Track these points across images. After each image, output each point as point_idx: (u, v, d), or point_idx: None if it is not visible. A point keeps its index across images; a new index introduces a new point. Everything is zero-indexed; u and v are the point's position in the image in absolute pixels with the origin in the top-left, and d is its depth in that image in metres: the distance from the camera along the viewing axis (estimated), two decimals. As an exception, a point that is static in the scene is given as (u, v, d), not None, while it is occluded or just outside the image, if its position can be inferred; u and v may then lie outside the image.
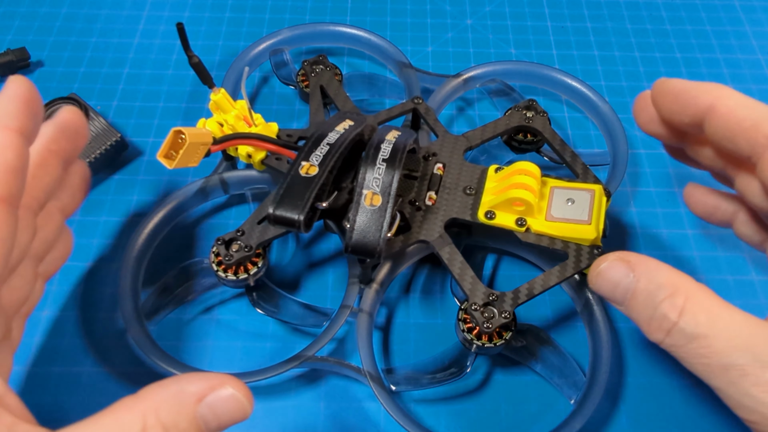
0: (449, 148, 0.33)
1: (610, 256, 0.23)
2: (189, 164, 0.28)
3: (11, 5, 0.45)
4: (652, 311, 0.21)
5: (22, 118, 0.22)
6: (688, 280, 0.22)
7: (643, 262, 0.23)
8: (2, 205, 0.20)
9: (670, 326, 0.21)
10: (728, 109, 0.23)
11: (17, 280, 0.24)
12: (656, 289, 0.22)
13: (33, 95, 0.22)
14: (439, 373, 0.29)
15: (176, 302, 0.31)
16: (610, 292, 0.23)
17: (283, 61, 0.40)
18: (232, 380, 0.20)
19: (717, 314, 0.20)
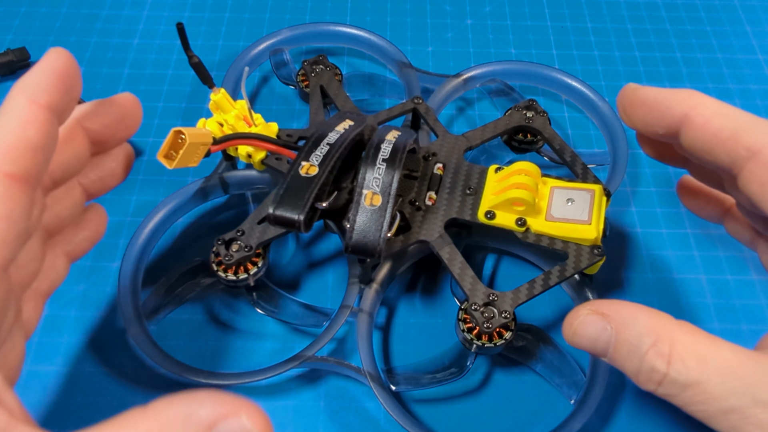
0: (449, 148, 0.33)
1: (582, 309, 0.22)
2: (189, 164, 0.28)
3: (11, 5, 0.45)
4: (638, 364, 0.20)
5: (53, 92, 0.20)
6: (668, 323, 0.21)
7: (618, 310, 0.21)
8: (18, 183, 0.19)
9: (661, 378, 0.20)
10: (704, 119, 0.22)
11: (21, 255, 0.22)
12: (638, 339, 0.20)
13: (70, 69, 0.21)
14: (439, 373, 0.29)
15: (176, 302, 0.31)
16: (590, 348, 0.22)
17: (283, 61, 0.40)
18: (251, 409, 0.17)
19: (706, 356, 0.19)
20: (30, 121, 0.19)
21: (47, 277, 0.24)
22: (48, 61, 0.20)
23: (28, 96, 0.20)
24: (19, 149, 0.19)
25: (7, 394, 0.18)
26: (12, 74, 0.41)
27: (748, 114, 0.22)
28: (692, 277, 0.34)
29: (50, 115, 0.20)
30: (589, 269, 0.29)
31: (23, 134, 0.19)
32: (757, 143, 0.21)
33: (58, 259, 0.25)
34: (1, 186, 0.19)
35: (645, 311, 0.21)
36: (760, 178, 0.21)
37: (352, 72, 0.40)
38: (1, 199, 0.19)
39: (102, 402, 0.30)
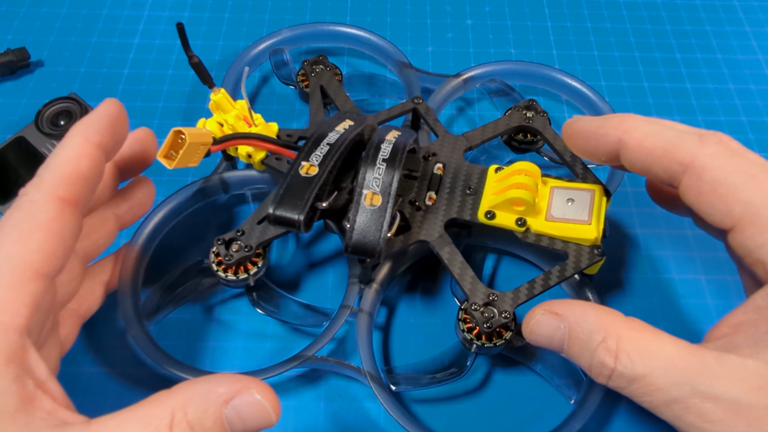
0: (449, 148, 0.33)
1: (537, 310, 0.24)
2: (189, 164, 0.28)
3: (11, 5, 0.45)
4: (590, 359, 0.22)
5: (105, 134, 0.24)
6: (616, 320, 0.22)
7: (570, 309, 0.23)
8: (69, 207, 0.22)
9: (609, 372, 0.21)
10: (637, 141, 0.23)
11: (62, 276, 0.25)
12: (589, 336, 0.22)
13: (120, 117, 0.25)
14: (439, 373, 0.29)
15: (176, 302, 0.31)
16: (547, 345, 0.24)
17: (283, 61, 0.40)
18: (261, 386, 0.21)
19: (650, 351, 0.21)
20: (84, 156, 0.23)
21: (85, 301, 0.28)
22: (103, 108, 0.25)
23: (84, 135, 0.24)
24: (73, 178, 0.23)
25: (52, 382, 0.21)
26: (12, 74, 0.41)
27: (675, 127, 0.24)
28: (692, 277, 0.34)
29: (100, 152, 0.24)
30: (589, 269, 0.29)
31: (77, 165, 0.23)
32: (687, 157, 0.22)
33: (96, 286, 0.29)
34: (56, 207, 0.22)
35: (595, 309, 0.23)
36: (695, 189, 0.23)
37: (352, 72, 0.40)
38: (56, 218, 0.22)
39: (102, 402, 0.30)
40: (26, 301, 0.21)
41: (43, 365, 0.21)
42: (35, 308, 0.21)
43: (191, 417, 0.19)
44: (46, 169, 0.23)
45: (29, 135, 0.35)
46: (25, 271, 0.21)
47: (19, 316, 0.20)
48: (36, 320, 0.21)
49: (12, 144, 0.35)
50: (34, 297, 0.21)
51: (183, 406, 0.20)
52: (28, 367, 0.20)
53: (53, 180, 0.22)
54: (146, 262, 0.32)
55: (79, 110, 0.36)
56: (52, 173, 0.23)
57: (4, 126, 0.39)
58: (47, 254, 0.21)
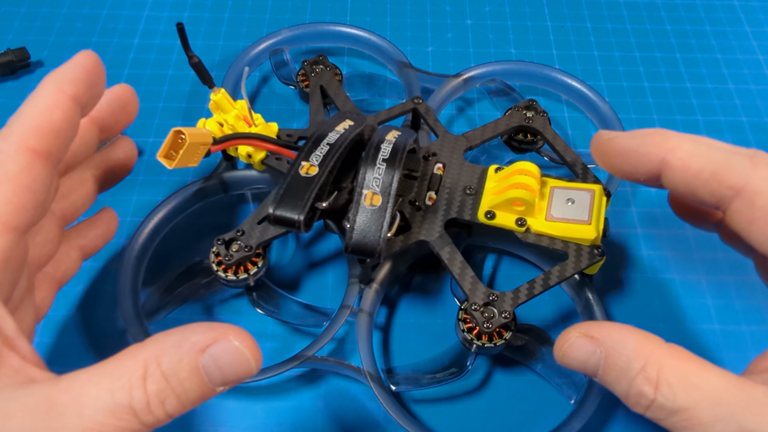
0: (449, 148, 0.33)
1: (573, 332, 0.22)
2: (189, 164, 0.28)
3: (11, 5, 0.45)
4: (627, 387, 0.21)
5: (80, 85, 0.23)
6: (658, 346, 0.20)
7: (608, 334, 0.21)
8: (40, 158, 0.21)
9: (648, 403, 0.20)
10: (682, 162, 0.22)
11: (38, 236, 0.24)
12: (627, 364, 0.20)
13: (96, 68, 0.23)
14: (439, 373, 0.29)
15: (176, 302, 0.31)
16: (580, 369, 0.22)
17: (283, 61, 0.40)
18: (240, 332, 0.19)
19: (694, 382, 0.19)
20: (56, 106, 0.22)
21: (61, 265, 0.27)
22: (77, 59, 0.23)
23: (57, 85, 0.22)
24: (44, 129, 0.21)
25: (21, 340, 0.20)
26: (12, 74, 0.41)
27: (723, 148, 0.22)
28: (692, 277, 0.34)
29: (74, 104, 0.22)
30: (589, 269, 0.29)
31: (49, 116, 0.22)
32: (739, 181, 0.21)
33: (73, 251, 0.27)
34: (25, 158, 0.21)
35: (634, 334, 0.21)
36: (746, 216, 0.21)
37: (352, 72, 0.40)
38: (25, 170, 0.21)
39: (102, 402, 0.30)
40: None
41: (12, 322, 0.20)
42: (4, 263, 0.20)
43: (165, 368, 0.18)
44: (16, 119, 0.22)
45: (29, 135, 0.35)
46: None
47: None
48: (5, 276, 0.20)
49: (12, 144, 0.35)
50: (3, 251, 0.20)
51: (156, 357, 0.18)
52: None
53: (23, 130, 0.21)
54: (146, 262, 0.32)
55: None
56: (22, 123, 0.21)
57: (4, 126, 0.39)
58: (16, 207, 0.20)
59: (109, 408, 0.17)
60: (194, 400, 0.19)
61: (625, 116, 0.40)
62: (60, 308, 0.32)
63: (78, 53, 0.23)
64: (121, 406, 0.18)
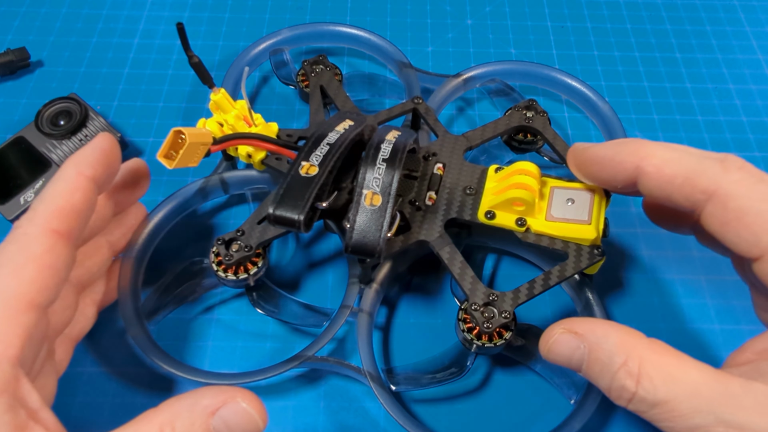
0: (449, 148, 0.33)
1: (557, 327, 0.23)
2: (189, 164, 0.28)
3: (11, 5, 0.45)
4: (609, 381, 0.21)
5: (98, 167, 0.25)
6: (639, 341, 0.21)
7: (591, 329, 0.22)
8: (62, 239, 0.23)
9: (630, 396, 0.21)
10: (656, 169, 0.23)
11: (57, 305, 0.25)
12: (609, 358, 0.21)
13: (113, 150, 0.26)
14: (439, 373, 0.29)
15: (176, 302, 0.31)
16: (565, 364, 0.23)
17: (283, 61, 0.40)
18: (246, 395, 0.21)
19: (674, 376, 0.20)
20: (76, 189, 0.24)
21: (78, 324, 0.28)
22: (96, 142, 0.26)
23: (77, 168, 0.24)
24: (66, 211, 0.23)
25: (45, 411, 0.21)
26: (12, 74, 0.41)
27: (695, 153, 0.23)
28: (692, 277, 0.34)
29: (92, 185, 0.25)
30: (589, 269, 0.29)
31: (70, 198, 0.24)
32: (711, 185, 0.22)
33: (88, 308, 0.29)
34: (49, 240, 0.23)
35: (617, 330, 0.22)
36: (719, 218, 0.22)
37: (352, 72, 0.40)
38: (49, 251, 0.23)
39: (102, 402, 0.30)
40: (18, 332, 0.21)
41: (36, 395, 0.21)
42: (28, 339, 0.21)
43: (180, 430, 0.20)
44: (40, 202, 0.24)
45: (29, 135, 0.35)
46: (18, 303, 0.21)
47: (12, 347, 0.21)
48: (29, 351, 0.21)
49: (12, 144, 0.35)
50: (27, 328, 0.21)
51: (171, 421, 0.20)
52: (21, 397, 0.20)
53: (46, 213, 0.23)
54: (146, 262, 0.32)
55: (78, 110, 0.36)
56: (46, 206, 0.23)
57: (4, 126, 0.39)
58: (40, 286, 0.22)
59: None
60: None
61: (625, 116, 0.40)
62: (60, 308, 0.32)
63: (97, 136, 0.26)
64: None
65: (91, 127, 0.36)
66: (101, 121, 0.36)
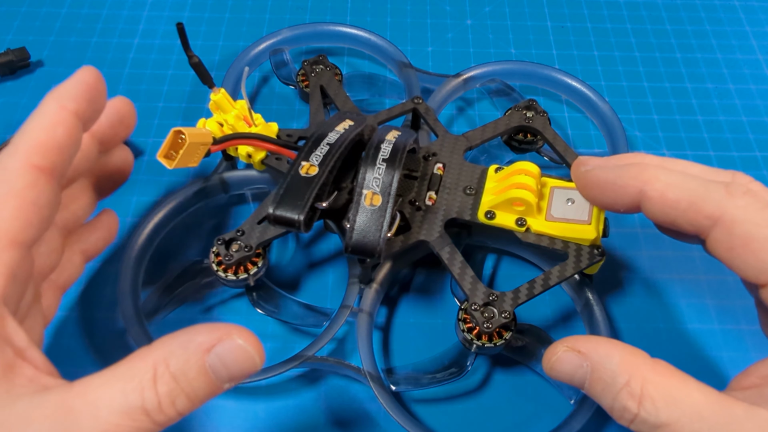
0: (449, 148, 0.33)
1: (560, 346, 0.23)
2: (189, 164, 0.28)
3: (11, 5, 0.45)
4: (612, 401, 0.21)
5: (82, 101, 0.23)
6: (642, 362, 0.21)
7: (594, 348, 0.22)
8: (44, 175, 0.22)
9: (632, 417, 0.20)
10: (659, 194, 0.22)
11: (42, 247, 0.25)
12: (612, 378, 0.21)
13: (97, 84, 0.24)
14: (439, 373, 0.29)
15: (176, 302, 0.31)
16: (568, 381, 0.23)
17: (283, 61, 0.40)
18: (242, 331, 0.20)
19: (677, 398, 0.20)
20: (59, 123, 0.22)
21: (65, 271, 0.27)
22: (79, 75, 0.24)
23: (59, 102, 0.23)
24: (47, 145, 0.22)
25: (33, 350, 0.20)
26: (12, 74, 0.41)
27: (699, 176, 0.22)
28: (692, 277, 0.34)
29: (76, 120, 0.23)
30: (589, 269, 0.29)
31: (52, 133, 0.22)
32: (716, 210, 0.21)
33: (75, 255, 0.28)
34: (30, 175, 0.21)
35: (620, 349, 0.22)
36: (725, 244, 0.21)
37: (352, 72, 0.40)
38: (30, 186, 0.21)
39: (102, 402, 0.30)
40: (2, 270, 0.20)
41: (23, 333, 0.20)
42: (11, 277, 0.20)
43: (174, 369, 0.19)
44: (20, 137, 0.22)
45: (29, 135, 0.35)
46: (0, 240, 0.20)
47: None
48: (13, 289, 0.21)
49: (12, 144, 0.35)
50: (10, 266, 0.20)
51: (165, 359, 0.19)
52: (7, 336, 0.20)
53: (27, 147, 0.22)
54: (146, 262, 0.32)
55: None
56: (26, 141, 0.22)
57: (4, 126, 0.39)
58: (23, 223, 0.21)
59: (122, 409, 0.18)
60: (203, 398, 0.20)
61: (625, 116, 0.40)
62: (60, 309, 0.32)
63: (80, 69, 0.24)
64: (134, 407, 0.18)
65: (91, 127, 0.36)
66: (101, 121, 0.36)
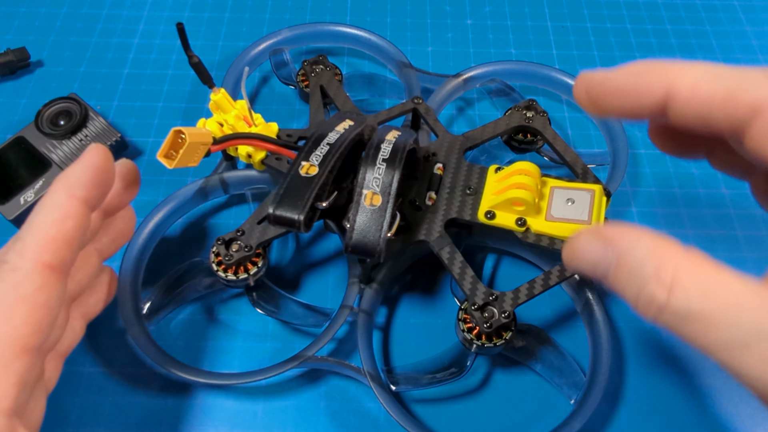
0: (449, 148, 0.33)
1: (584, 232, 0.20)
2: (189, 164, 0.28)
3: (11, 5, 0.45)
4: (638, 291, 0.19)
5: (91, 188, 0.23)
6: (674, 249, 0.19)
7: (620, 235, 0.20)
8: (55, 273, 0.22)
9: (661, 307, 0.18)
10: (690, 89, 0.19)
11: None
12: (640, 265, 0.19)
13: (106, 165, 0.24)
14: (439, 373, 0.29)
15: (176, 302, 0.31)
16: (589, 273, 0.21)
17: (283, 61, 0.40)
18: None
19: (711, 287, 0.18)
20: (68, 216, 0.22)
21: (66, 339, 0.26)
22: (87, 158, 0.23)
23: (68, 191, 0.22)
24: (57, 241, 0.22)
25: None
26: (12, 74, 0.41)
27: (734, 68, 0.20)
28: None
29: (85, 209, 0.23)
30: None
31: (62, 227, 0.22)
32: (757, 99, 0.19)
33: (76, 322, 0.27)
34: (41, 277, 0.21)
35: (650, 236, 0.19)
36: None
37: (352, 72, 0.40)
38: (40, 288, 0.21)
39: (102, 402, 0.30)
40: (13, 381, 0.20)
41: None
42: (22, 387, 0.20)
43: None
44: (29, 232, 0.22)
45: (29, 135, 0.35)
46: (11, 351, 0.20)
47: (6, 398, 0.20)
48: (23, 396, 0.21)
49: (12, 144, 0.35)
50: (21, 375, 0.20)
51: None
52: None
53: (37, 246, 0.21)
54: (146, 262, 0.32)
55: (78, 110, 0.36)
56: (36, 238, 0.21)
57: (4, 126, 0.39)
58: (33, 328, 0.21)
59: None
60: None
61: (625, 116, 0.40)
62: (60, 308, 0.32)
63: (89, 150, 0.24)
64: None
65: (91, 127, 0.36)
66: (101, 121, 0.36)
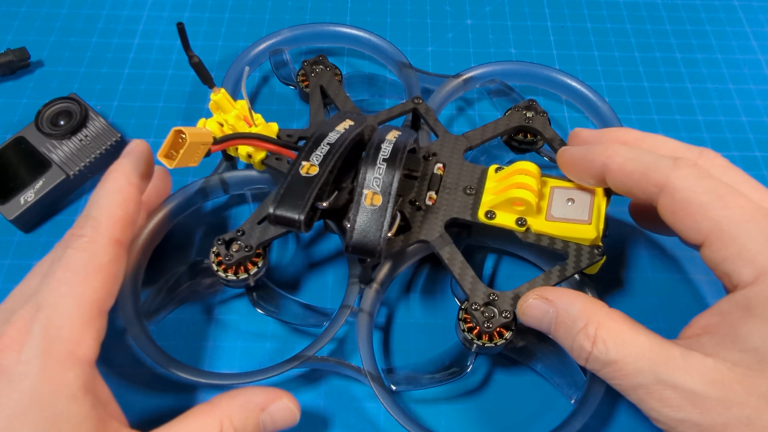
0: (449, 148, 0.33)
1: (531, 294, 0.26)
2: (189, 164, 0.28)
3: (11, 5, 0.45)
4: (571, 341, 0.24)
5: (142, 176, 0.28)
6: (599, 309, 0.24)
7: (560, 297, 0.25)
8: (123, 248, 0.26)
9: (587, 355, 0.24)
10: (618, 166, 0.26)
11: None
12: (573, 322, 0.24)
13: (150, 158, 0.28)
14: (439, 373, 0.29)
15: (176, 302, 0.31)
16: (536, 326, 0.26)
17: (283, 61, 0.40)
18: (287, 394, 0.26)
19: (625, 340, 0.23)
20: (130, 199, 0.26)
21: None
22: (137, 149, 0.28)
23: (126, 178, 0.27)
24: (124, 221, 0.26)
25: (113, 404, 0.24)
26: (12, 74, 0.41)
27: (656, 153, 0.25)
28: (692, 277, 0.34)
29: (139, 194, 0.27)
30: (589, 269, 0.29)
31: (126, 209, 0.26)
32: (662, 179, 0.24)
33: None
34: (114, 250, 0.25)
35: (582, 299, 0.25)
36: (669, 208, 0.24)
37: (352, 72, 0.40)
38: (114, 260, 0.25)
39: (102, 402, 0.29)
40: (94, 335, 0.24)
41: (107, 389, 0.24)
42: (99, 341, 0.24)
43: (236, 424, 0.24)
44: (100, 211, 0.26)
45: (29, 135, 0.35)
46: (92, 310, 0.24)
47: (90, 349, 0.23)
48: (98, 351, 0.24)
49: (12, 144, 0.35)
50: (99, 332, 0.24)
51: (228, 415, 0.24)
52: (100, 396, 0.23)
53: (110, 224, 0.25)
54: (146, 262, 0.32)
55: (78, 110, 0.36)
56: (108, 217, 0.25)
57: (4, 126, 0.39)
58: (108, 293, 0.25)
59: None
60: None
61: (625, 116, 0.40)
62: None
63: (136, 143, 0.28)
64: None
65: (91, 128, 0.36)
66: (101, 121, 0.36)
